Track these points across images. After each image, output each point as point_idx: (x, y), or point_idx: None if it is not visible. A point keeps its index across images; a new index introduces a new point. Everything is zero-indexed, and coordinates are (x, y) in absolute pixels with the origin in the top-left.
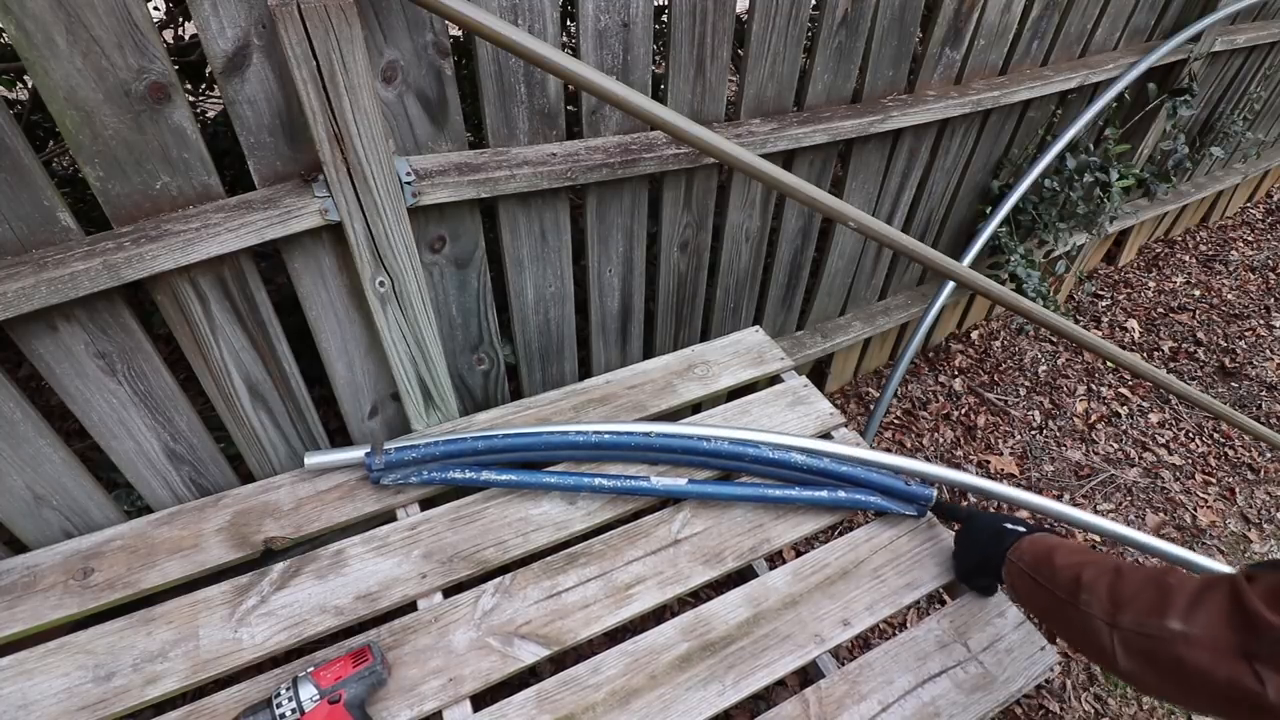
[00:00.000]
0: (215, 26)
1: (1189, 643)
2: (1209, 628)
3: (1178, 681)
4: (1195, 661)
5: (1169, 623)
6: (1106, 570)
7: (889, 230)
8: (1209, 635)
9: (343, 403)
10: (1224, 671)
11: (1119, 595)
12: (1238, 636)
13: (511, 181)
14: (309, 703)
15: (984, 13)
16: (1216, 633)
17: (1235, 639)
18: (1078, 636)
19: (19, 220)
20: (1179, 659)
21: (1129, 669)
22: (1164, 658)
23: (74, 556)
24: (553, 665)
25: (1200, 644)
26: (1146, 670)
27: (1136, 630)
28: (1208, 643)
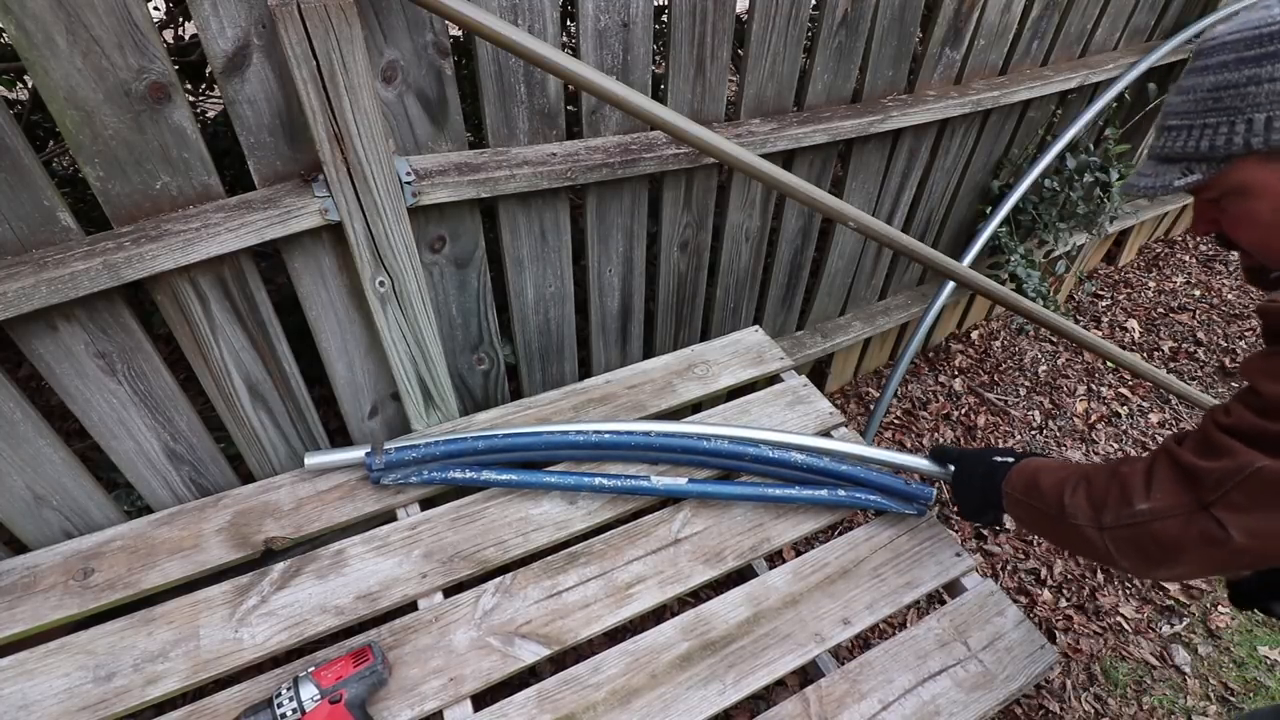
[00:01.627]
0: (215, 26)
1: (1157, 516)
2: (1165, 496)
3: (1166, 555)
4: (1168, 531)
5: (1136, 506)
6: (1080, 481)
7: (889, 230)
8: (1167, 504)
9: (343, 403)
10: (1193, 530)
11: (1094, 500)
12: (1188, 494)
13: (511, 181)
14: (310, 702)
15: (984, 13)
16: (1172, 499)
17: (1188, 497)
18: (1080, 548)
19: (19, 220)
20: (1156, 536)
21: (1128, 564)
22: (1146, 540)
23: (74, 557)
24: (553, 665)
25: (1165, 514)
26: (1140, 558)
27: (1118, 525)
28: (1169, 510)
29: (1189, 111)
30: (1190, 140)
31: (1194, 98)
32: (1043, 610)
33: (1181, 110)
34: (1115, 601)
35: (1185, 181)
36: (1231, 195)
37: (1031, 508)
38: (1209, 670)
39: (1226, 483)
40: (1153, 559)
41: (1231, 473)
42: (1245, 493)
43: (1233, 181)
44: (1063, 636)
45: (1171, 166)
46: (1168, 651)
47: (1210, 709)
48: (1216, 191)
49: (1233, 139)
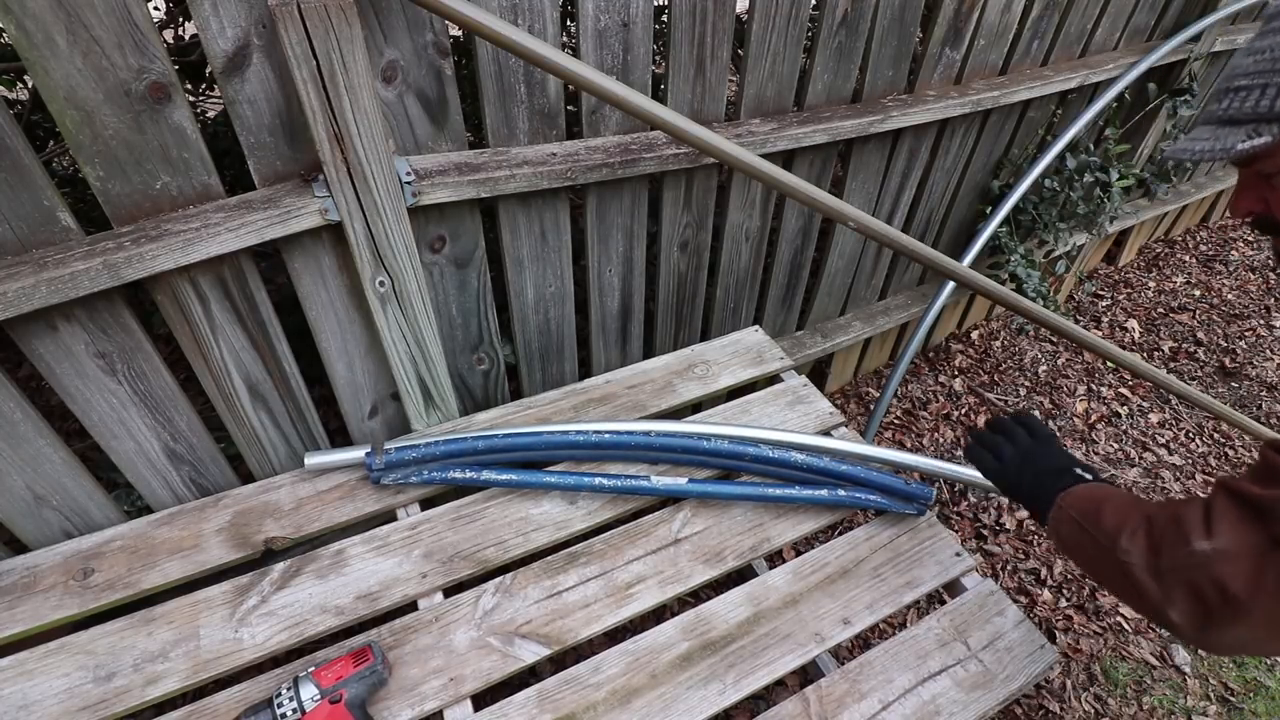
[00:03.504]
0: (215, 26)
1: (1221, 559)
2: (1228, 534)
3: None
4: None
5: (1194, 546)
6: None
7: (889, 230)
8: (1232, 542)
9: (343, 403)
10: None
11: (1153, 543)
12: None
13: (511, 181)
14: (310, 702)
15: (984, 13)
16: (1240, 538)
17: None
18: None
19: (19, 220)
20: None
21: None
22: (1206, 586)
23: (74, 557)
24: (553, 665)
25: (1231, 556)
26: (1195, 607)
27: (1173, 568)
28: (1235, 550)
29: (1262, 70)
30: (1264, 99)
31: (1270, 56)
32: (1043, 610)
33: (1253, 70)
34: (1115, 601)
35: (1250, 145)
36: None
37: (1084, 532)
38: (1209, 670)
39: None
40: (1211, 610)
41: None
42: None
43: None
44: (1063, 636)
45: (1236, 129)
46: (1168, 651)
47: (1210, 709)
48: (1274, 163)
49: None
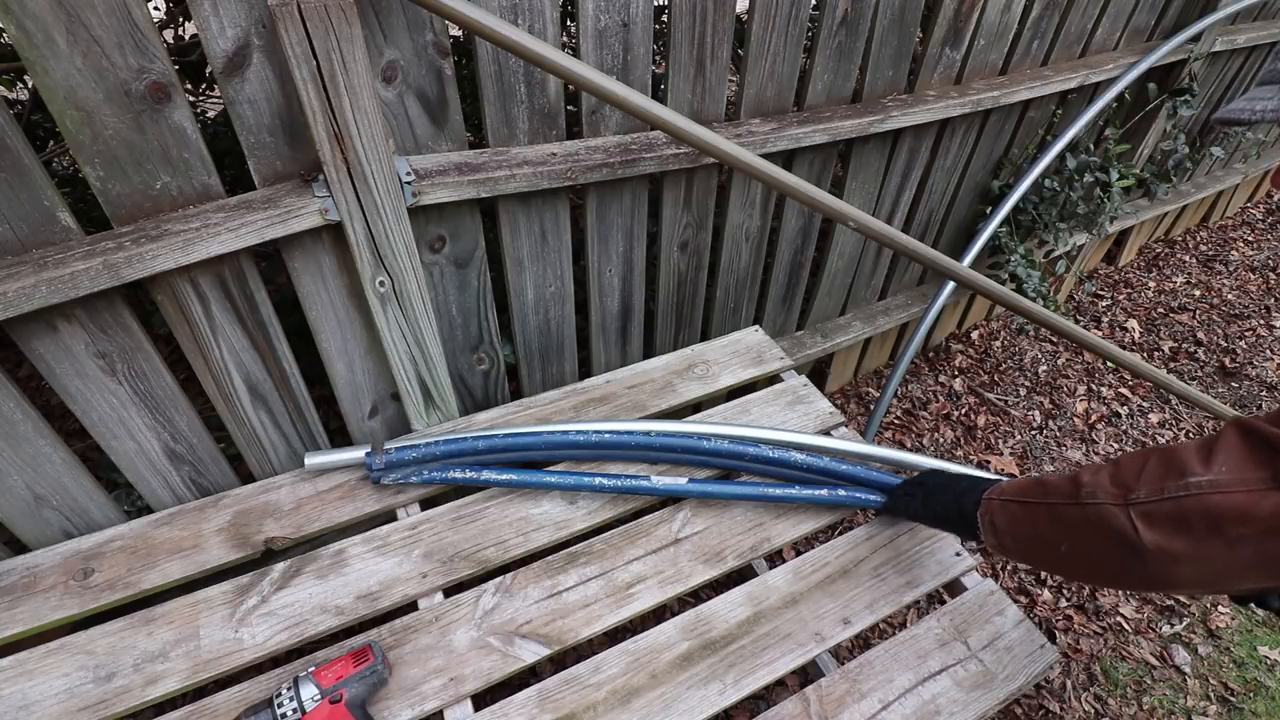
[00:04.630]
0: (215, 26)
1: (1219, 489)
2: (1235, 468)
3: (1217, 534)
4: (1232, 505)
5: (1191, 477)
6: (1102, 466)
7: (889, 230)
8: (1238, 476)
9: (343, 403)
10: (1267, 504)
11: (1124, 478)
12: (1263, 467)
13: (511, 181)
14: (310, 702)
15: (984, 13)
16: (1245, 472)
17: (1265, 471)
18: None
19: (19, 220)
20: (1213, 509)
21: (1156, 542)
22: (1196, 514)
23: (74, 557)
24: (553, 664)
25: (1232, 487)
26: (1177, 536)
27: (1157, 499)
28: (1239, 483)
29: None
30: None
31: None
32: (1043, 610)
33: None
34: (1115, 601)
35: None
36: None
37: (1025, 505)
38: (1209, 670)
39: None
40: (1202, 536)
41: None
42: None
43: None
44: (1063, 636)
45: None
46: (1168, 651)
47: (1210, 709)
48: None
49: None
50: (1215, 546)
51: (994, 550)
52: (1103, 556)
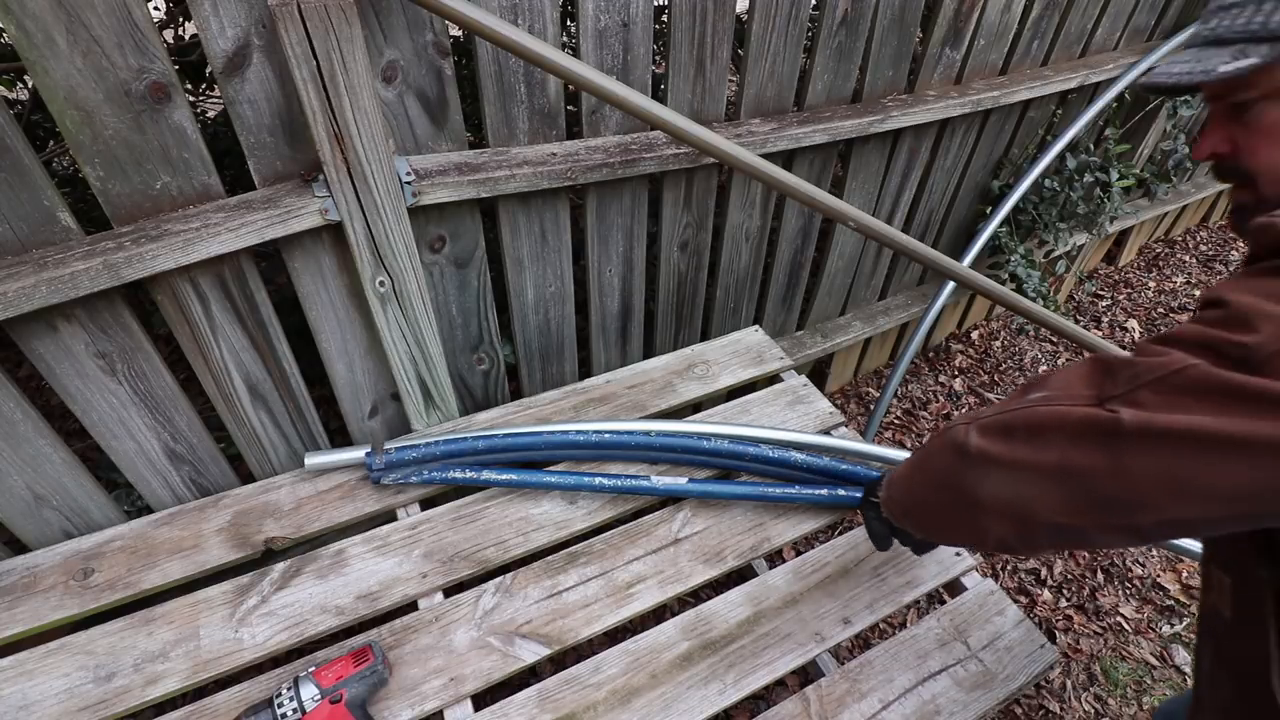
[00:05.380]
0: (215, 26)
1: (1048, 402)
2: (1068, 387)
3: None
4: (1050, 414)
5: (1029, 396)
6: None
7: (889, 230)
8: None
9: (343, 403)
10: (1078, 414)
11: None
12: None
13: (511, 181)
14: (310, 702)
15: (984, 13)
16: (1075, 389)
17: (1090, 391)
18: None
19: (19, 220)
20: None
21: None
22: (1020, 422)
23: (74, 557)
24: (553, 664)
25: (1058, 400)
26: (998, 441)
27: (996, 412)
28: (1065, 398)
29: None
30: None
31: None
32: (1043, 610)
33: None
34: (1115, 601)
35: (1234, 67)
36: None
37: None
38: None
39: (1142, 377)
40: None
41: (1153, 368)
42: (1159, 392)
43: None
44: (1063, 636)
45: (1221, 50)
46: (1168, 652)
47: None
48: (1259, 90)
49: None
50: (1025, 451)
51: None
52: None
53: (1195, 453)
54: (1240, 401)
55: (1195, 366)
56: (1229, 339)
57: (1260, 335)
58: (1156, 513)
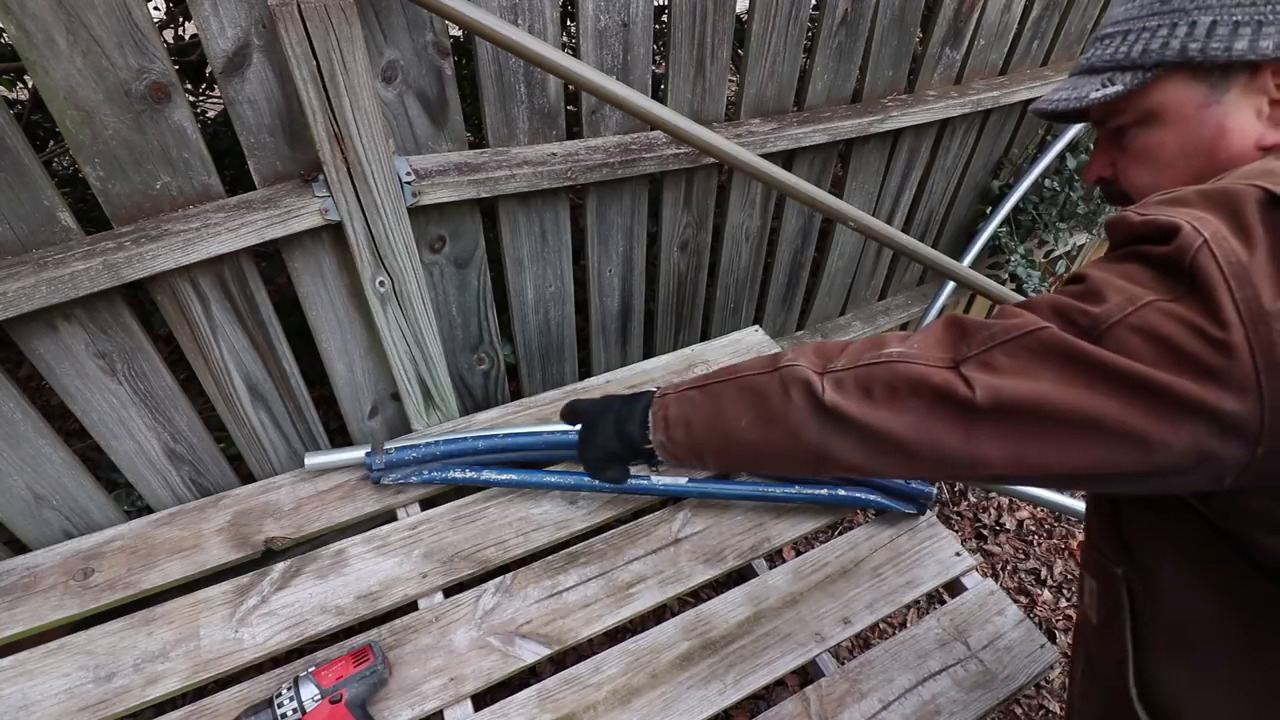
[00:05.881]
0: (215, 26)
1: (905, 359)
2: (925, 347)
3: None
4: (910, 372)
5: (886, 350)
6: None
7: (889, 230)
8: (925, 353)
9: (343, 402)
10: (934, 378)
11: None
12: (948, 350)
13: (511, 181)
14: (310, 702)
15: (984, 13)
16: (932, 350)
17: (945, 353)
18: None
19: (19, 220)
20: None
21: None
22: (878, 379)
23: (74, 557)
24: (553, 664)
25: (915, 359)
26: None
27: (851, 365)
28: (923, 358)
29: (1131, 18)
30: (1123, 45)
31: (1141, 3)
32: (1043, 610)
33: (1122, 18)
34: None
35: (1102, 94)
36: (1142, 123)
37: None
38: None
39: (997, 339)
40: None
41: (1007, 330)
42: (1010, 353)
43: (1151, 102)
44: (1063, 636)
45: (1092, 78)
46: None
47: None
48: (1129, 116)
49: (1170, 42)
50: (883, 413)
51: (661, 450)
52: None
53: (1038, 430)
54: (1078, 368)
55: (1046, 329)
56: (1079, 307)
57: (1107, 305)
58: (992, 472)
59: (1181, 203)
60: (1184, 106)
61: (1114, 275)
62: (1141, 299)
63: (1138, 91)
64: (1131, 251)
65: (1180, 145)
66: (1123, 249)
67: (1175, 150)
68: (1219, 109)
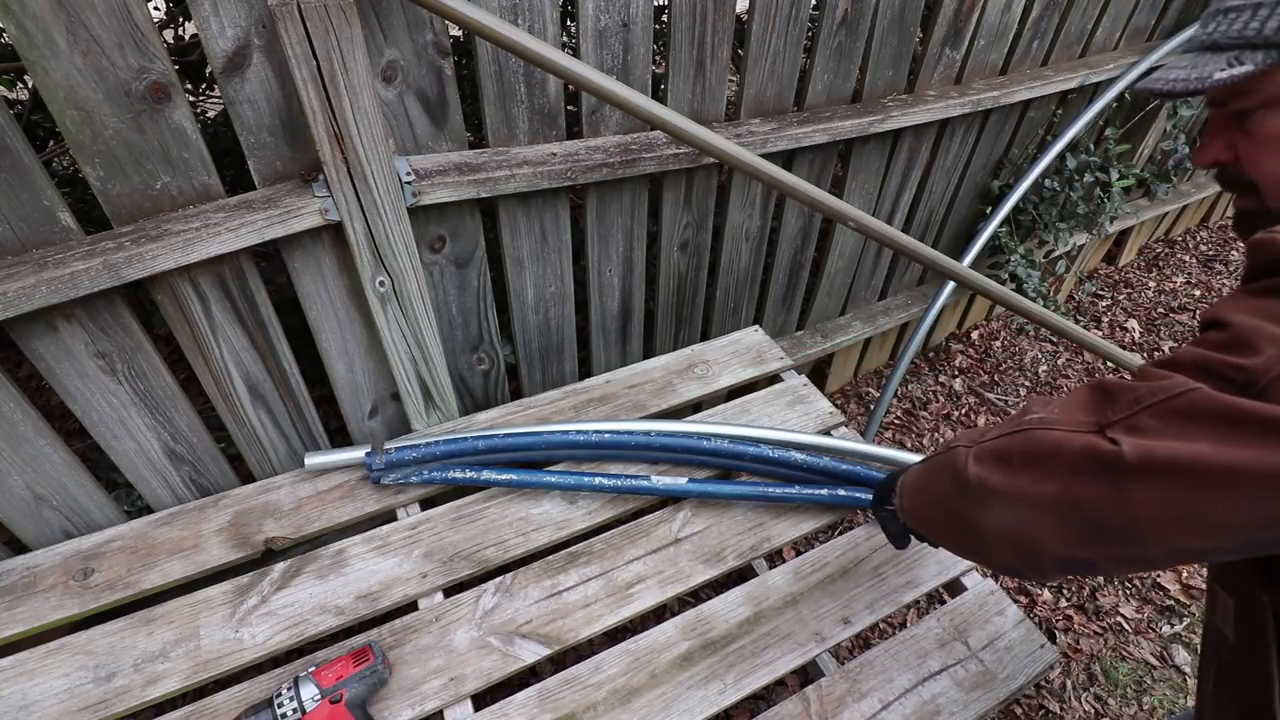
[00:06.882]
0: (215, 26)
1: (1045, 425)
2: (1067, 412)
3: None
4: (1049, 439)
5: (1027, 417)
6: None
7: (889, 230)
8: (1066, 418)
9: (343, 403)
10: (1077, 441)
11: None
12: (1093, 414)
13: (511, 181)
14: (310, 702)
15: (984, 13)
16: (1074, 415)
17: (1090, 417)
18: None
19: (19, 220)
20: (1032, 444)
21: (979, 474)
22: (1017, 449)
23: (74, 557)
24: (553, 664)
25: (1056, 425)
26: (997, 469)
27: (995, 438)
28: (1064, 423)
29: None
30: (1254, 20)
31: None
32: (1043, 610)
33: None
34: (1115, 601)
35: (1229, 74)
36: (1272, 105)
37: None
38: None
39: (1144, 401)
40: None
41: (1155, 392)
42: (1160, 417)
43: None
44: (1063, 636)
45: (1217, 55)
46: (1168, 651)
47: None
48: (1257, 98)
49: None
50: (1026, 481)
51: (902, 515)
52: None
53: (1199, 485)
54: (1242, 428)
55: (1198, 390)
56: (1231, 362)
57: (1263, 358)
58: (1163, 543)
59: None
60: None
61: (1263, 320)
62: None
63: (1269, 72)
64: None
65: None
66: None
67: None
68: None
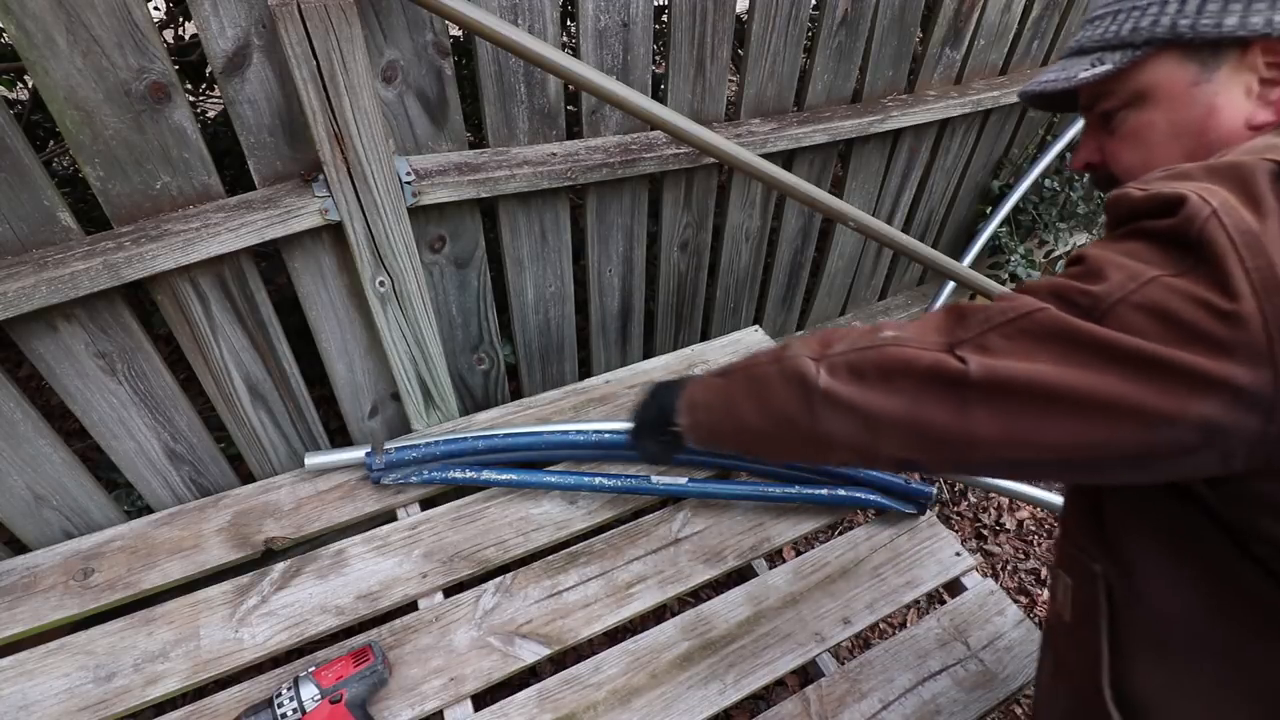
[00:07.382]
0: (215, 26)
1: (899, 343)
2: (921, 331)
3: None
4: (901, 356)
5: (881, 334)
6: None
7: (889, 230)
8: (919, 337)
9: (343, 403)
10: (926, 359)
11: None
12: (944, 334)
13: (511, 181)
14: (310, 702)
15: (984, 13)
16: (927, 335)
17: (941, 337)
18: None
19: (19, 220)
20: (885, 359)
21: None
22: (870, 364)
23: (74, 557)
24: (553, 664)
25: (909, 343)
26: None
27: (846, 350)
28: (917, 342)
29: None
30: (1113, 25)
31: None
32: (1043, 610)
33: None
34: None
35: (1091, 73)
36: (1131, 104)
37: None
38: None
39: (993, 321)
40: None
41: (1004, 311)
42: (1006, 335)
43: (1140, 82)
44: None
45: (1081, 59)
46: None
47: None
48: (1118, 98)
49: (1160, 19)
50: (876, 395)
51: (687, 433)
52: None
53: (1033, 402)
54: (1080, 349)
55: (1044, 310)
56: (1078, 287)
57: (1107, 283)
58: (989, 452)
59: (1185, 176)
60: (1174, 85)
61: (1115, 253)
62: (1145, 275)
63: (1127, 71)
64: (1133, 229)
65: (1170, 125)
66: (1123, 226)
67: (1165, 130)
68: (1209, 87)
